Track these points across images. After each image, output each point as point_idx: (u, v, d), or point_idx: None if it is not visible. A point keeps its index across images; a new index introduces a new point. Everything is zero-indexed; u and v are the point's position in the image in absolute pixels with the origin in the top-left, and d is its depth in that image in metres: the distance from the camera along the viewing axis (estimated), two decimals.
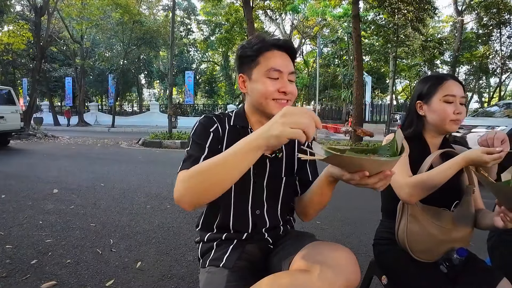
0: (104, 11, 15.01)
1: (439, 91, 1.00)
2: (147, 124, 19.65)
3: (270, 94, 0.82)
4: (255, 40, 0.86)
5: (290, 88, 0.84)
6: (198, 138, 0.83)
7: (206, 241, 0.91)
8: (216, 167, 0.64)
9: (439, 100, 0.99)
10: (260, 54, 0.84)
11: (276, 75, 0.83)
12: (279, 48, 0.85)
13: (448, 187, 0.97)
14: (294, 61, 0.90)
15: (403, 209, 0.95)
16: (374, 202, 1.20)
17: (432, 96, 1.01)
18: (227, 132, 0.87)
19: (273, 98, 0.83)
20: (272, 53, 0.84)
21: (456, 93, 0.98)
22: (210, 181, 0.65)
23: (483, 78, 22.43)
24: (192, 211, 2.82)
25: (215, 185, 0.65)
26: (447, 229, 0.92)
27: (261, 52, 0.84)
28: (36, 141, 9.38)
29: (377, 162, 0.57)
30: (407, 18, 11.10)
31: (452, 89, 0.98)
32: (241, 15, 14.67)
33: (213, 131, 0.85)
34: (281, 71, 0.83)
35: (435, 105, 1.00)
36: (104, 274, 1.71)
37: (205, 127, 0.86)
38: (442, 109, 0.98)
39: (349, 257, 0.68)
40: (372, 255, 1.12)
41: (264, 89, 0.82)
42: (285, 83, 0.83)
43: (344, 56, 19.42)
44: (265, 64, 0.83)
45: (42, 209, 2.79)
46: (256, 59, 0.84)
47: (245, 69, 0.87)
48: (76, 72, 19.66)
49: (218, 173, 0.64)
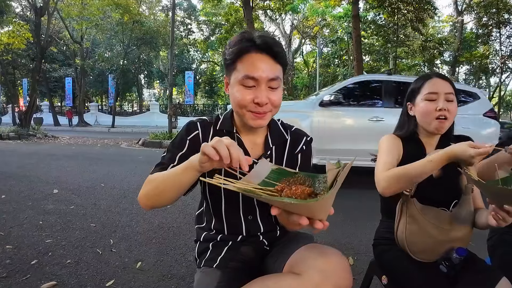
0: (104, 11, 15.01)
1: (421, 91, 1.01)
2: (147, 124, 19.68)
3: (243, 105, 0.75)
4: (234, 40, 0.76)
5: (265, 98, 0.74)
6: (173, 146, 0.84)
7: (203, 241, 0.91)
8: (163, 181, 0.73)
9: (422, 99, 1.00)
10: (237, 58, 0.74)
11: (252, 83, 0.74)
12: (258, 50, 0.74)
13: (447, 186, 0.97)
14: (282, 63, 0.78)
15: (402, 210, 0.95)
16: (374, 202, 1.20)
17: (416, 96, 1.02)
18: (210, 137, 0.84)
19: (248, 110, 0.76)
20: (250, 56, 0.74)
21: (438, 90, 0.97)
22: (158, 191, 0.73)
23: (483, 77, 22.44)
24: (192, 211, 2.83)
25: (161, 195, 0.73)
26: (446, 230, 0.92)
27: (239, 55, 0.74)
28: (36, 141, 9.38)
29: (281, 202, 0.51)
30: (407, 18, 11.11)
31: (433, 87, 0.98)
32: (241, 15, 14.65)
33: (190, 138, 0.83)
34: (256, 78, 0.73)
35: (418, 105, 1.01)
36: (104, 274, 1.71)
37: (184, 134, 0.84)
38: (424, 107, 0.98)
39: (340, 262, 0.67)
40: (372, 255, 1.12)
41: (238, 98, 0.75)
42: (261, 93, 0.74)
43: (344, 56, 19.41)
44: (241, 70, 0.74)
45: (42, 209, 2.79)
46: (232, 63, 0.76)
47: (226, 72, 0.80)
48: (76, 73, 19.68)
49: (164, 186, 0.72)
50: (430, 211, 0.93)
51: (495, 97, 21.70)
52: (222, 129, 0.86)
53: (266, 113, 0.77)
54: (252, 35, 0.75)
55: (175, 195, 0.73)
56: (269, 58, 0.75)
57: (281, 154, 0.88)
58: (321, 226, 0.52)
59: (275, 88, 0.76)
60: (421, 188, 0.93)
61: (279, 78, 0.76)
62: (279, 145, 0.88)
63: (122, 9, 14.80)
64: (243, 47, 0.74)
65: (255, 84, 0.74)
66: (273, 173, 0.67)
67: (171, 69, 9.65)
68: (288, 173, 0.67)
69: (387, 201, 1.08)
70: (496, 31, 13.26)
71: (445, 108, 0.96)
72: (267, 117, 0.79)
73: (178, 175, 0.69)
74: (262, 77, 0.73)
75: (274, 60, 0.75)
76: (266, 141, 0.87)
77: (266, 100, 0.75)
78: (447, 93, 0.97)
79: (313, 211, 0.50)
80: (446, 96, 0.97)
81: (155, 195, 0.74)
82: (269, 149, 0.86)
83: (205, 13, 21.92)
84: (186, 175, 0.68)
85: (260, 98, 0.74)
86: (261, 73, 0.73)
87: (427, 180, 0.94)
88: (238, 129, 0.86)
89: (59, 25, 17.40)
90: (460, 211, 0.94)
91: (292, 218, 0.54)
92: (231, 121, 0.87)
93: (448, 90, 0.97)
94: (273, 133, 0.88)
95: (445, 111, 0.96)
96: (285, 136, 0.90)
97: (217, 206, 0.87)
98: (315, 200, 0.48)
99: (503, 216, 0.79)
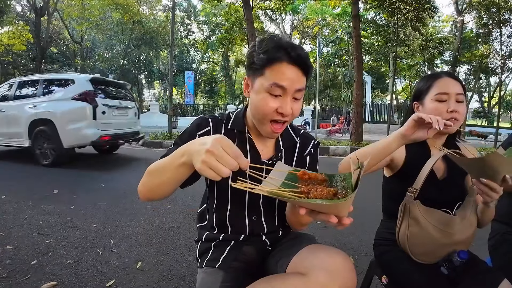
0: (104, 11, 15.02)
1: (431, 90, 0.97)
2: (147, 125, 19.61)
3: (267, 113, 0.75)
4: (266, 45, 0.74)
5: (290, 109, 0.75)
6: (181, 139, 0.82)
7: (204, 240, 0.91)
8: (158, 172, 0.70)
9: (431, 99, 0.96)
10: (267, 64, 0.74)
11: (279, 91, 0.74)
12: (290, 61, 0.73)
13: (451, 188, 0.96)
14: (308, 76, 0.78)
15: (404, 212, 0.93)
16: (375, 202, 1.20)
17: (425, 96, 0.98)
18: None
19: (270, 120, 0.77)
20: (280, 65, 0.73)
21: (450, 90, 0.93)
22: (153, 183, 0.71)
23: (483, 77, 22.42)
24: (191, 212, 2.82)
25: (157, 187, 0.71)
26: (450, 233, 0.89)
27: (268, 63, 0.73)
28: None
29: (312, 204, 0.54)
30: (407, 18, 11.10)
31: (444, 87, 0.94)
32: (241, 15, 14.65)
33: (201, 134, 0.83)
34: (286, 88, 0.73)
35: (428, 105, 0.97)
36: (104, 275, 1.71)
37: (194, 130, 0.84)
38: (434, 108, 0.94)
39: (346, 263, 0.67)
40: (372, 255, 1.11)
41: (262, 106, 0.75)
42: (286, 103, 0.74)
43: (344, 56, 19.39)
44: (270, 77, 0.73)
45: (42, 209, 2.79)
46: (261, 69, 0.75)
47: (250, 74, 0.79)
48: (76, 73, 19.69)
49: (159, 177, 0.69)
50: (433, 214, 0.90)
51: (495, 97, 21.70)
52: (233, 129, 0.86)
53: (285, 123, 0.79)
54: (285, 43, 0.75)
55: (172, 188, 0.72)
56: (299, 71, 0.75)
57: (291, 156, 0.89)
58: (349, 222, 0.54)
59: (298, 99, 0.78)
60: (425, 189, 0.91)
61: (303, 90, 0.78)
62: (289, 148, 0.90)
63: (122, 9, 14.81)
64: (276, 56, 0.73)
65: (282, 93, 0.74)
66: (291, 174, 0.68)
67: (171, 69, 9.65)
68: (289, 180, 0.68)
69: (389, 201, 1.08)
70: (497, 31, 13.24)
71: (456, 110, 0.92)
72: (284, 127, 0.80)
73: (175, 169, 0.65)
74: (290, 87, 0.74)
75: (303, 73, 0.76)
76: (277, 143, 0.88)
77: (290, 110, 0.76)
78: (458, 94, 0.93)
79: (340, 210, 0.53)
80: (457, 97, 0.93)
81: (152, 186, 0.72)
82: (280, 151, 0.88)
83: (205, 13, 21.92)
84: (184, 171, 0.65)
85: (285, 108, 0.75)
86: (290, 83, 0.74)
87: (431, 181, 0.93)
88: (249, 130, 0.86)
89: (59, 26, 17.41)
90: (464, 213, 0.92)
91: (320, 217, 0.56)
92: (243, 121, 0.87)
93: (459, 91, 0.93)
94: (283, 135, 0.90)
95: (456, 113, 0.92)
96: (295, 139, 0.91)
97: (223, 205, 0.87)
98: (345, 200, 0.51)
99: (483, 190, 0.80)
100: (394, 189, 1.02)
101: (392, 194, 1.04)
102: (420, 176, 0.91)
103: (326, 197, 0.55)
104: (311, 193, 0.57)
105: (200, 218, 0.97)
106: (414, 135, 0.82)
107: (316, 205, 0.53)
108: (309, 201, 0.53)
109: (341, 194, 0.56)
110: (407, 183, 0.93)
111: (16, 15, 14.82)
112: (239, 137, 0.86)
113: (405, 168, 0.99)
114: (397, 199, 0.95)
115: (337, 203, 0.51)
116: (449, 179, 0.97)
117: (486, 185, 0.79)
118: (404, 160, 0.99)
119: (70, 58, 20.24)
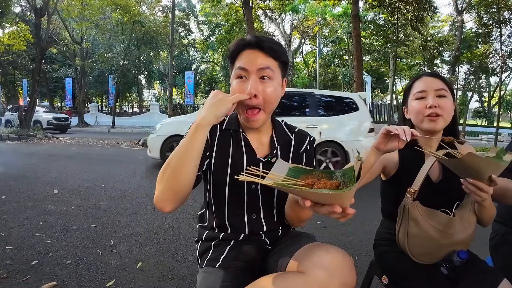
0: (104, 11, 15.00)
1: (411, 90, 0.99)
2: (147, 125, 19.63)
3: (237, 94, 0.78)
4: (232, 44, 0.83)
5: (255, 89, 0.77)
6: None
7: (205, 240, 0.91)
8: (176, 153, 0.73)
9: (411, 99, 0.98)
10: (235, 58, 0.81)
11: (243, 73, 0.78)
12: (251, 47, 0.79)
13: (448, 189, 0.96)
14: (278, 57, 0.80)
15: (403, 213, 0.92)
16: (375, 202, 1.20)
17: (408, 97, 1.01)
18: (217, 137, 0.87)
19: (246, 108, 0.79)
20: (244, 52, 0.80)
21: (427, 87, 0.94)
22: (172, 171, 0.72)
23: (483, 77, 22.41)
24: (192, 212, 2.82)
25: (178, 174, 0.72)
26: (449, 234, 0.89)
27: (236, 55, 0.81)
28: (36, 142, 9.38)
29: (317, 194, 0.55)
30: (406, 18, 11.11)
31: (422, 85, 0.96)
32: (241, 16, 14.67)
33: None
34: (246, 68, 0.78)
35: (410, 105, 0.99)
36: (104, 275, 1.71)
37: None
38: (414, 106, 0.96)
39: (346, 261, 0.67)
40: (372, 255, 1.11)
41: (233, 90, 0.80)
42: (252, 82, 0.77)
43: (344, 56, 19.40)
44: (236, 65, 0.81)
45: (42, 210, 2.79)
46: (232, 63, 0.83)
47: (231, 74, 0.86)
48: (76, 73, 19.66)
49: (180, 158, 0.72)
50: (433, 215, 0.90)
51: (495, 97, 21.70)
52: (228, 129, 0.88)
53: (260, 110, 0.80)
54: (248, 37, 0.81)
55: (191, 170, 0.73)
56: (260, 52, 0.79)
57: (287, 153, 0.90)
58: (352, 212, 0.56)
59: (267, 78, 0.79)
60: (422, 194, 0.91)
61: (270, 69, 0.78)
62: (284, 145, 0.91)
63: (122, 9, 14.79)
64: (239, 46, 0.80)
65: (246, 75, 0.78)
66: (291, 171, 0.70)
67: (171, 69, 9.66)
68: (305, 171, 0.70)
69: (388, 202, 1.08)
70: (497, 30, 13.24)
71: (435, 104, 0.92)
72: (260, 117, 0.81)
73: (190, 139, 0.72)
74: (251, 66, 0.77)
75: (266, 54, 0.79)
76: (271, 141, 0.89)
77: (255, 90, 0.77)
78: (437, 89, 0.93)
79: (344, 200, 0.54)
80: (437, 92, 0.93)
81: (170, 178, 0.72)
82: (275, 148, 0.88)
83: (204, 13, 21.91)
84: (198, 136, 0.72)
85: (250, 88, 0.77)
86: (251, 63, 0.78)
87: (427, 185, 0.93)
88: (243, 129, 0.88)
89: (59, 26, 17.39)
90: (463, 213, 0.92)
91: (325, 208, 0.56)
92: (237, 120, 0.89)
93: (438, 86, 0.94)
94: (278, 133, 0.91)
95: (436, 107, 0.92)
96: (289, 136, 0.92)
97: (221, 204, 0.87)
98: (349, 189, 0.52)
99: (471, 189, 0.81)
100: (392, 192, 1.02)
101: (390, 197, 1.04)
102: (418, 176, 0.91)
103: (330, 188, 0.57)
104: (315, 185, 0.59)
105: (200, 219, 0.98)
106: (387, 147, 0.84)
107: (322, 195, 0.55)
108: (316, 191, 0.54)
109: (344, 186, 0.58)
110: (403, 186, 0.93)
111: (16, 16, 14.80)
112: (234, 137, 0.87)
113: (399, 172, 0.99)
114: (395, 202, 0.95)
115: (342, 192, 0.52)
116: (445, 181, 0.96)
117: (473, 185, 0.80)
118: (397, 165, 0.99)
119: (70, 58, 20.18)
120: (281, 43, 0.84)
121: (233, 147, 0.86)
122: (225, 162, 0.85)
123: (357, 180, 0.55)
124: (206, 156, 0.84)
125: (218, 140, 0.86)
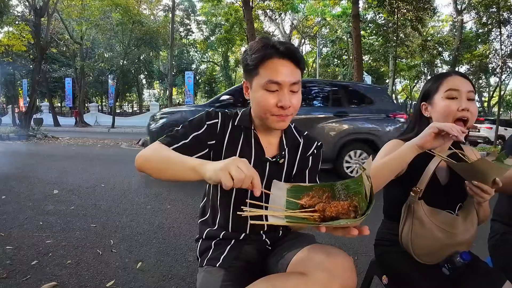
0: (104, 11, 15.00)
1: (440, 88, 0.93)
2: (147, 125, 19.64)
3: (268, 109, 0.79)
4: (256, 46, 0.79)
5: (288, 102, 0.78)
6: (190, 125, 0.85)
7: (205, 238, 0.91)
8: (166, 163, 0.74)
9: (441, 97, 0.91)
10: (260, 64, 0.78)
11: (275, 87, 0.77)
12: (280, 56, 0.77)
13: (454, 191, 0.95)
14: (302, 68, 0.81)
15: (408, 212, 0.91)
16: (375, 201, 1.20)
17: (435, 94, 0.94)
18: (229, 132, 0.87)
19: (271, 114, 0.79)
20: (272, 62, 0.77)
21: (460, 87, 0.89)
22: (159, 168, 0.75)
23: (482, 77, 22.41)
24: (192, 212, 2.83)
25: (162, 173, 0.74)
26: (453, 233, 0.89)
27: (261, 61, 0.78)
28: (36, 142, 9.37)
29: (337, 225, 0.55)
30: (406, 18, 11.11)
31: (454, 83, 0.90)
32: (241, 15, 14.66)
33: (210, 124, 0.85)
34: (280, 83, 0.77)
35: (438, 103, 0.92)
36: (104, 275, 1.71)
37: (204, 119, 0.86)
38: (445, 105, 0.89)
39: (346, 262, 0.67)
40: (372, 254, 1.11)
41: (262, 102, 0.79)
42: (284, 97, 0.77)
43: (343, 56, 19.40)
44: (264, 75, 0.77)
45: (42, 210, 2.79)
46: (255, 69, 0.79)
47: (247, 77, 0.84)
48: (76, 73, 19.68)
49: (167, 169, 0.73)
50: (437, 214, 0.89)
51: (495, 97, 21.69)
52: (240, 125, 0.88)
53: (288, 116, 0.81)
54: (273, 41, 0.80)
55: (172, 178, 0.75)
56: (291, 63, 0.78)
57: (294, 155, 0.91)
58: (367, 231, 0.57)
59: (296, 91, 0.80)
60: (430, 197, 0.90)
61: (299, 82, 0.80)
62: (293, 147, 0.91)
63: (122, 9, 14.79)
64: (266, 53, 0.77)
65: (278, 88, 0.78)
66: (290, 191, 0.70)
67: (171, 69, 9.66)
68: (304, 188, 0.70)
69: (390, 202, 1.07)
70: (496, 30, 13.23)
71: (467, 108, 0.87)
72: (289, 119, 0.83)
73: (184, 169, 0.70)
74: (285, 81, 0.77)
75: (295, 66, 0.79)
76: (281, 142, 0.90)
77: (289, 103, 0.78)
78: (469, 91, 0.89)
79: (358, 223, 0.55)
80: (468, 94, 0.89)
81: (156, 170, 0.75)
82: (283, 149, 0.89)
83: (203, 12, 21.89)
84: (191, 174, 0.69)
85: (283, 101, 0.77)
86: (284, 77, 0.77)
87: (435, 188, 0.92)
88: (255, 127, 0.89)
89: (59, 26, 17.37)
90: (466, 213, 0.92)
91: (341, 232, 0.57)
92: (249, 118, 0.89)
93: (470, 88, 0.89)
94: (287, 135, 0.92)
95: (467, 111, 0.88)
96: (298, 139, 0.93)
97: (227, 198, 0.87)
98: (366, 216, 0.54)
99: (475, 191, 0.81)
100: (396, 193, 1.00)
101: (393, 198, 1.03)
102: (424, 176, 0.90)
103: (343, 212, 0.57)
104: (326, 210, 0.58)
105: (201, 212, 0.98)
106: (432, 144, 0.81)
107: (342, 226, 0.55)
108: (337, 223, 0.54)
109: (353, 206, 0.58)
110: (408, 187, 0.91)
111: (16, 16, 14.79)
112: (245, 133, 0.88)
113: (405, 173, 0.97)
114: (399, 203, 0.94)
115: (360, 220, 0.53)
116: (452, 183, 0.95)
117: (478, 187, 0.80)
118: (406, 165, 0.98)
119: (70, 59, 20.19)
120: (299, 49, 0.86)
121: (243, 143, 0.87)
122: None
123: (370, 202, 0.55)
124: (204, 143, 0.84)
125: (230, 135, 0.87)
